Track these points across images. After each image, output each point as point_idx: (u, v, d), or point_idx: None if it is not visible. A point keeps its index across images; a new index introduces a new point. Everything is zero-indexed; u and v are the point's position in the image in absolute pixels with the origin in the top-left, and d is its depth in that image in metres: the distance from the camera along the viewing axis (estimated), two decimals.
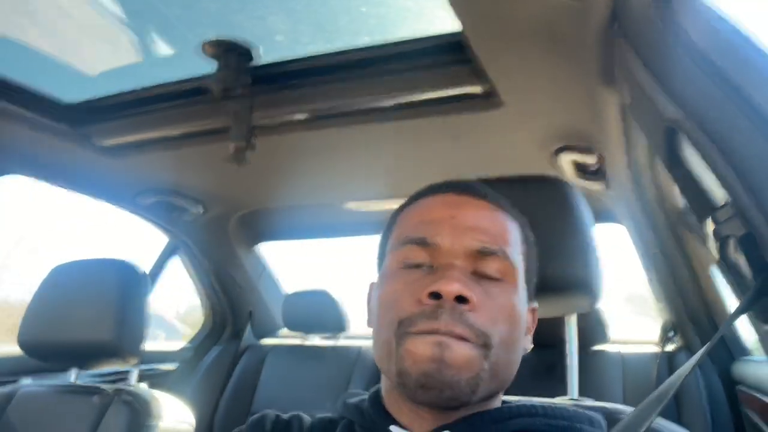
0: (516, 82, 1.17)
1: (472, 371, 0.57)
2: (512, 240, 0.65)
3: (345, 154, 1.64)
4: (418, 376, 0.57)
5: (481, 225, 0.63)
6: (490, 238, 0.62)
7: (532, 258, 0.68)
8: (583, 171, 1.50)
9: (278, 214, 2.33)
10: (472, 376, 0.57)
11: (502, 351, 0.59)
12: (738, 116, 0.54)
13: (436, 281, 0.58)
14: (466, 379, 0.56)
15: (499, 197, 0.69)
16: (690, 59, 0.59)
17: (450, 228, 0.62)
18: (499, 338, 0.59)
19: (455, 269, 0.60)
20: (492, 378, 0.59)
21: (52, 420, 1.25)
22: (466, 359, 0.56)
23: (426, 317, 0.57)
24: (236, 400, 2.36)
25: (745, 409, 1.60)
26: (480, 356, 0.57)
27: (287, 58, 1.34)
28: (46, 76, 1.45)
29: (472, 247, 0.61)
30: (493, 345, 0.58)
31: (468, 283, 0.59)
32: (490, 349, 0.58)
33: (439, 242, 0.62)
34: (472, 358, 0.57)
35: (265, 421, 0.72)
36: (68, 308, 1.31)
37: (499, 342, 0.59)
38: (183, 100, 1.45)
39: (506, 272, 0.62)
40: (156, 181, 1.93)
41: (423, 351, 0.56)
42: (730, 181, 0.54)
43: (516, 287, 0.63)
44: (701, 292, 1.73)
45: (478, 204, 0.66)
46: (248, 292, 2.62)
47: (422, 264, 0.62)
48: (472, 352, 0.57)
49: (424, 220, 0.65)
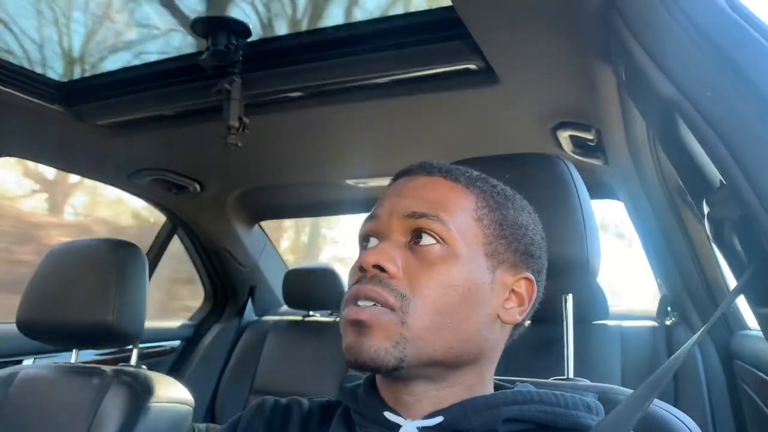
0: (512, 59, 1.16)
1: (390, 339, 0.58)
2: (453, 205, 0.64)
3: (341, 131, 1.63)
4: (346, 349, 0.60)
5: (418, 194, 0.65)
6: (423, 203, 0.63)
7: (506, 226, 0.66)
8: (582, 147, 1.49)
9: (277, 191, 2.32)
10: (393, 344, 0.58)
11: (430, 314, 0.59)
12: (735, 97, 0.53)
13: (363, 255, 0.62)
14: (385, 348, 0.58)
15: (455, 170, 0.68)
16: (686, 37, 0.58)
17: (389, 202, 0.66)
18: (423, 300, 0.59)
19: (387, 242, 0.63)
20: (422, 342, 0.59)
21: (53, 401, 1.26)
22: (380, 329, 0.58)
23: (351, 289, 0.62)
24: (237, 377, 2.39)
25: (741, 384, 1.61)
26: (396, 323, 0.59)
27: (281, 35, 1.32)
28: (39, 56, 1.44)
29: (404, 212, 0.63)
30: (413, 307, 0.59)
31: (390, 253, 0.61)
32: (408, 312, 0.59)
33: (379, 213, 0.66)
34: (387, 325, 0.58)
35: (265, 407, 0.73)
36: (67, 289, 1.32)
37: (424, 304, 0.59)
38: (177, 78, 1.44)
39: (441, 235, 0.62)
40: (152, 160, 1.92)
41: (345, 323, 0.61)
42: (725, 162, 0.53)
43: (454, 251, 0.62)
44: (700, 267, 1.73)
45: (423, 179, 0.67)
46: (249, 270, 2.63)
47: (371, 239, 0.66)
48: (386, 317, 0.59)
49: (379, 201, 0.69)
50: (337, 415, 0.69)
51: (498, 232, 0.65)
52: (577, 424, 0.61)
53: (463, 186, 0.66)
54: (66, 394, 1.27)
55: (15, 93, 1.42)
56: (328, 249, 6.06)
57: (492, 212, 0.66)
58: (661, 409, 0.69)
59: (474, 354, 0.63)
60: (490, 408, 0.61)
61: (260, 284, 2.70)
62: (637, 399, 0.57)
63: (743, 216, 0.53)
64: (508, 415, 0.60)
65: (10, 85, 1.40)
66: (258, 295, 2.69)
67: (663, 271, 1.95)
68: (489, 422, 0.60)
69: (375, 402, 0.65)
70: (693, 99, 0.56)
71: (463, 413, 0.60)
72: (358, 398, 0.67)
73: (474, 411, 0.60)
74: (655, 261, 1.96)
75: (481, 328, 0.63)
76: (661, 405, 0.69)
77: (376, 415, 0.64)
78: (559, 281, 0.86)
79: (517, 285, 0.66)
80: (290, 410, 0.72)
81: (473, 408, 0.61)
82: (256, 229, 2.63)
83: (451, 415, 0.61)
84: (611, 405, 0.62)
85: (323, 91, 1.39)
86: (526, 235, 0.67)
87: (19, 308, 1.34)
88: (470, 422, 0.60)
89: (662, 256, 1.84)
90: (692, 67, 0.57)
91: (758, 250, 0.55)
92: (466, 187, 0.66)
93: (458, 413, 0.60)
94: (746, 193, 0.51)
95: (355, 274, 0.63)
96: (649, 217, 1.69)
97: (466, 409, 0.61)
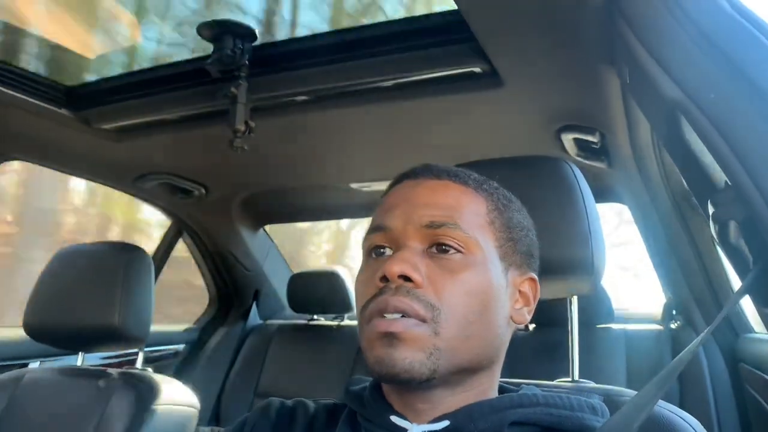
0: (516, 62, 1.16)
1: (424, 351, 0.57)
2: (468, 210, 0.64)
3: (345, 134, 1.63)
4: (373, 363, 0.59)
5: (431, 201, 0.63)
6: (440, 211, 0.62)
7: (512, 228, 0.66)
8: (586, 150, 1.49)
9: (282, 195, 2.33)
10: (427, 356, 0.57)
11: (460, 323, 0.59)
12: (738, 98, 0.53)
13: (384, 265, 0.60)
14: (419, 360, 0.57)
15: (462, 173, 0.68)
16: (689, 39, 0.58)
17: (401, 210, 0.64)
18: (452, 310, 0.59)
19: (406, 250, 0.61)
20: (453, 352, 0.59)
21: (59, 404, 1.27)
22: (413, 340, 0.57)
23: (374, 301, 0.60)
24: (242, 381, 2.39)
25: (747, 387, 1.60)
26: (428, 334, 0.58)
27: (286, 39, 1.33)
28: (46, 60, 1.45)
29: (421, 222, 0.62)
30: (441, 318, 0.58)
31: (414, 262, 0.60)
32: (440, 323, 0.58)
33: (392, 225, 0.63)
34: (420, 337, 0.57)
35: (270, 409, 0.73)
36: (73, 292, 1.32)
37: (454, 313, 0.59)
38: (183, 82, 1.45)
39: (462, 243, 0.61)
40: (157, 164, 1.93)
41: (373, 338, 0.59)
42: (730, 163, 0.53)
43: (475, 258, 0.61)
44: (705, 270, 1.72)
45: (433, 183, 0.66)
46: (254, 274, 2.63)
47: (384, 249, 0.64)
48: (419, 330, 0.57)
49: (383, 209, 0.66)
50: (343, 419, 0.69)
51: (507, 235, 0.66)
52: (582, 426, 0.61)
53: (472, 189, 0.66)
54: (72, 397, 1.27)
55: (23, 97, 1.43)
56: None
57: (500, 215, 0.66)
58: (666, 410, 0.69)
59: (492, 358, 0.64)
60: (495, 412, 0.61)
61: (265, 288, 2.70)
62: (641, 400, 0.57)
63: (748, 217, 0.54)
64: (513, 418, 0.60)
65: (17, 89, 1.41)
66: (262, 299, 2.69)
67: (668, 275, 1.95)
68: (495, 426, 0.60)
69: (381, 406, 0.65)
70: (697, 101, 0.56)
71: (469, 417, 0.60)
72: (364, 401, 0.67)
73: (480, 415, 0.60)
74: (659, 264, 1.96)
75: (500, 332, 0.64)
76: (666, 406, 0.69)
77: (382, 419, 0.64)
78: (564, 284, 0.86)
79: (523, 286, 0.67)
80: (296, 412, 0.72)
81: (479, 412, 0.61)
82: (261, 233, 2.64)
83: (457, 419, 0.60)
84: (616, 407, 0.62)
85: (328, 94, 1.40)
86: (527, 236, 0.68)
87: (25, 311, 1.34)
88: (476, 426, 0.60)
89: (667, 259, 1.83)
90: (696, 69, 0.57)
91: (763, 251, 0.55)
92: (475, 191, 0.66)
93: (464, 417, 0.60)
94: (751, 194, 0.51)
95: (374, 285, 0.61)
96: (653, 221, 1.69)
97: (472, 413, 0.61)
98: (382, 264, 0.61)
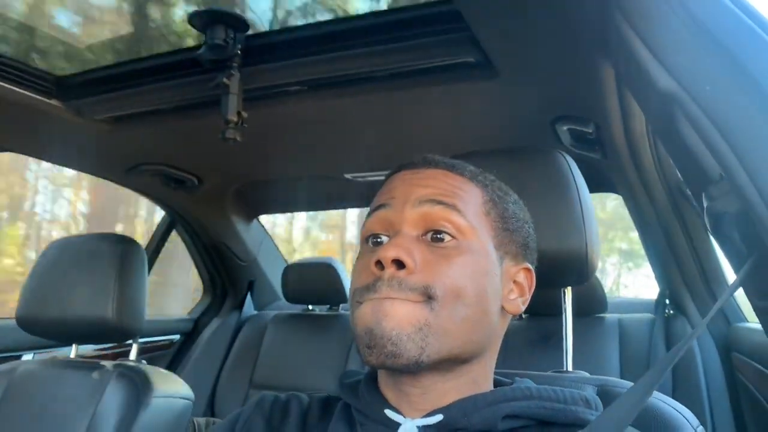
0: (510, 52, 1.15)
1: (414, 324, 0.58)
2: (466, 198, 0.65)
3: (339, 125, 1.63)
4: (362, 335, 0.59)
5: (430, 183, 0.65)
6: (438, 191, 0.63)
7: (508, 219, 0.67)
8: (580, 141, 1.49)
9: (276, 185, 2.32)
10: (415, 330, 0.58)
11: (454, 304, 0.59)
12: (734, 90, 0.53)
13: (379, 250, 0.61)
14: (407, 333, 0.57)
15: (459, 165, 0.69)
16: (686, 30, 0.57)
17: (399, 191, 0.65)
18: (444, 290, 0.59)
19: (401, 236, 0.62)
20: (445, 333, 0.59)
21: (53, 396, 1.27)
22: (405, 312, 0.58)
23: (367, 290, 0.61)
24: (237, 372, 2.39)
25: (740, 376, 1.61)
26: (422, 308, 0.58)
27: (278, 28, 1.32)
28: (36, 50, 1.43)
29: (419, 197, 0.63)
30: (437, 296, 0.59)
31: (407, 247, 0.60)
32: (433, 300, 0.59)
33: (390, 201, 0.65)
34: (412, 311, 0.58)
35: (264, 403, 0.73)
36: (67, 284, 1.32)
37: (447, 294, 0.59)
38: (175, 72, 1.43)
39: (457, 228, 0.62)
40: (149, 155, 1.91)
41: (364, 312, 0.60)
42: (725, 156, 0.53)
43: (470, 243, 0.62)
44: (698, 260, 1.73)
45: (431, 172, 0.67)
46: (248, 265, 2.63)
47: (380, 236, 0.65)
48: (410, 306, 0.58)
49: (381, 192, 0.68)
50: (337, 412, 0.69)
51: (502, 225, 0.66)
52: (576, 419, 0.61)
53: (468, 179, 0.67)
54: (66, 389, 1.27)
55: (12, 88, 1.41)
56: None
57: (496, 206, 0.67)
58: (659, 401, 0.69)
59: (484, 346, 0.64)
60: (489, 405, 0.61)
61: (259, 279, 2.70)
62: (635, 393, 0.57)
63: (742, 209, 0.53)
64: (507, 412, 0.61)
65: (6, 80, 1.39)
66: (257, 290, 2.69)
67: (661, 264, 1.96)
68: (488, 420, 0.60)
69: (376, 399, 0.65)
70: (692, 93, 0.56)
71: (463, 411, 0.61)
72: (358, 395, 0.67)
73: (473, 409, 0.61)
74: (653, 254, 1.97)
75: (493, 321, 0.64)
76: (659, 397, 0.69)
77: (376, 413, 0.64)
78: (558, 274, 0.87)
79: (518, 276, 0.68)
80: (289, 406, 0.72)
81: (473, 406, 0.61)
82: (255, 223, 2.63)
83: (450, 413, 0.61)
84: (610, 397, 0.62)
85: (321, 84, 1.39)
86: (523, 228, 0.69)
87: (19, 304, 1.34)
88: (469, 420, 0.60)
89: (661, 249, 1.84)
90: (692, 60, 0.57)
91: (758, 244, 0.55)
92: (471, 181, 0.67)
93: (458, 411, 0.61)
94: (746, 187, 0.51)
95: (370, 271, 0.61)
96: (647, 211, 1.69)
97: (465, 407, 0.61)
98: (378, 251, 0.61)
